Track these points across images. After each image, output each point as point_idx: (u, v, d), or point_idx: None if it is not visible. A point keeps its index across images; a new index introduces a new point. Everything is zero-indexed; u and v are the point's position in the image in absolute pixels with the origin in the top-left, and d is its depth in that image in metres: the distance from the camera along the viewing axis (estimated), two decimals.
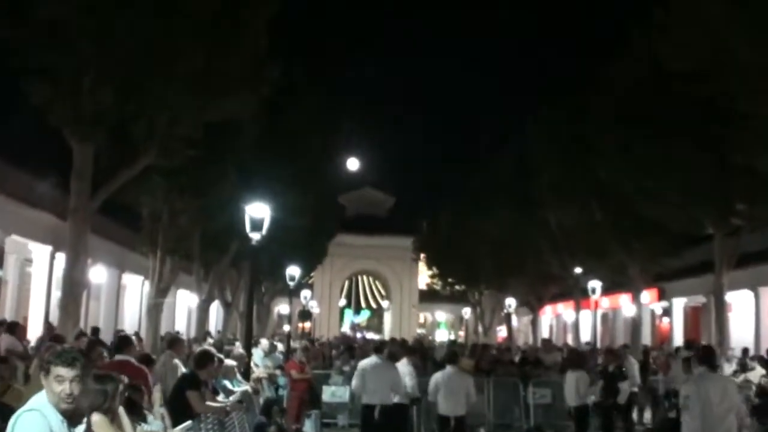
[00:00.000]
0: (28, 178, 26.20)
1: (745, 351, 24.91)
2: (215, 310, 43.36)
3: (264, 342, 22.93)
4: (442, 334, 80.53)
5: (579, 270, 38.15)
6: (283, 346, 27.64)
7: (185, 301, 45.40)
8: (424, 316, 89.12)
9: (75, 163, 17.73)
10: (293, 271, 37.00)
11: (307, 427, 18.80)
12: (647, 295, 38.20)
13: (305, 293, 53.13)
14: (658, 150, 24.08)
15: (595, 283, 35.10)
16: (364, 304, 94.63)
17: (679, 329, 40.02)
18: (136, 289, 37.98)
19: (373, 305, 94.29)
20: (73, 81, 17.09)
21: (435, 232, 59.88)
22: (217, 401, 11.92)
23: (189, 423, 10.08)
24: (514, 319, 59.11)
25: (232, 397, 13.20)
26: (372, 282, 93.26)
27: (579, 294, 41.54)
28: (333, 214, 52.41)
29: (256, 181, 23.17)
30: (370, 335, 73.10)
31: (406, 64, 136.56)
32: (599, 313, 40.74)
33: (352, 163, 75.13)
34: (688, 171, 23.53)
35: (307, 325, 63.38)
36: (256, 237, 17.68)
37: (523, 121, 39.74)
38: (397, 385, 14.09)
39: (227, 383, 14.30)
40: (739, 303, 32.67)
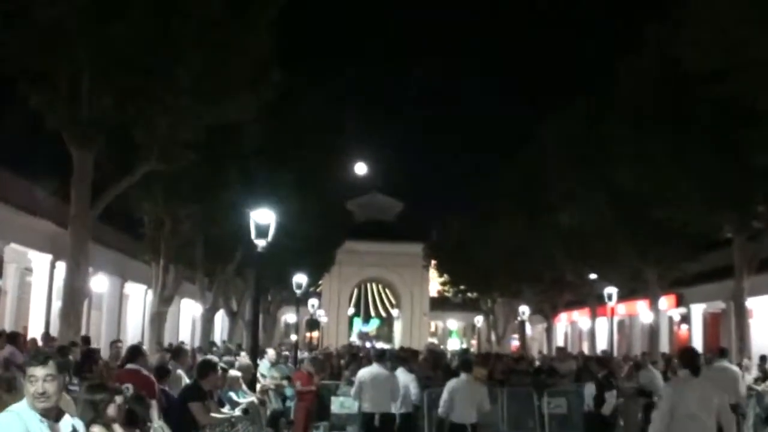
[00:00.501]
0: (27, 184, 26.22)
1: (763, 358, 24.77)
2: (220, 319, 43.35)
3: (270, 352, 22.88)
4: (453, 343, 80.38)
5: (594, 276, 38.03)
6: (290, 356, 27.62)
7: (189, 310, 45.37)
8: (435, 325, 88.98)
9: (75, 170, 17.78)
10: (300, 278, 36.97)
11: None
12: (665, 302, 38.06)
13: (313, 302, 53.14)
14: (676, 152, 24.01)
15: (611, 290, 35.01)
16: (373, 313, 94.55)
17: (698, 336, 39.81)
18: (139, 298, 37.96)
19: (383, 314, 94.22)
20: (71, 85, 17.13)
21: (446, 237, 59.78)
22: (221, 413, 11.90)
23: None
24: (528, 327, 59.01)
25: (237, 409, 13.18)
26: (381, 290, 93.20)
27: (594, 301, 41.44)
28: (341, 220, 52.39)
29: (261, 187, 23.16)
30: (380, 345, 73.00)
31: (415, 67, 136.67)
32: (615, 320, 40.57)
33: (360, 168, 75.15)
34: (706, 173, 23.45)
35: (314, 334, 63.45)
36: (261, 244, 17.65)
37: (536, 123, 39.74)
38: (397, 393, 14.39)
39: (233, 394, 14.29)
40: (760, 309, 32.49)
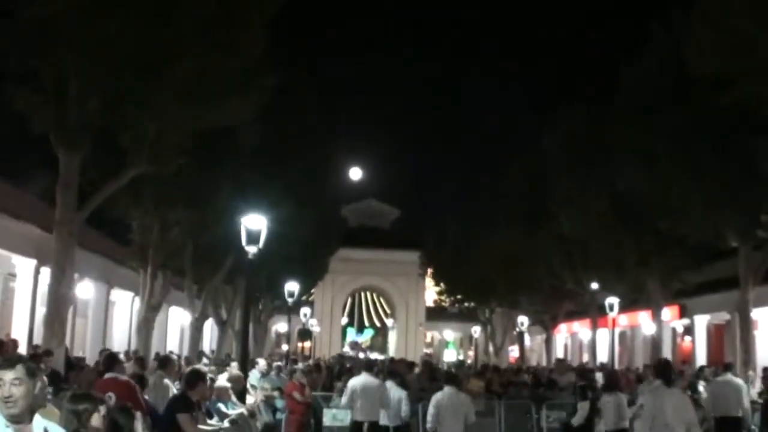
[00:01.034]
0: (12, 188, 26.22)
1: (766, 370, 24.80)
2: (209, 328, 43.31)
3: (261, 362, 22.89)
4: (450, 354, 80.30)
5: (595, 286, 38.07)
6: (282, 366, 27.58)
7: (177, 319, 45.33)
8: (431, 335, 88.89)
9: (61, 173, 17.79)
10: (292, 287, 36.99)
11: None
12: (668, 312, 38.11)
13: (305, 311, 53.11)
14: (680, 158, 24.07)
15: (613, 300, 35.03)
16: (367, 323, 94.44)
17: (702, 348, 39.88)
18: (126, 306, 37.91)
19: (377, 323, 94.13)
20: (58, 86, 17.15)
21: (442, 245, 59.77)
22: (209, 424, 11.90)
23: None
24: (527, 338, 59.03)
25: (225, 420, 13.17)
26: (376, 299, 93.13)
27: (595, 311, 41.45)
28: (334, 227, 52.35)
29: (252, 192, 23.18)
30: (374, 355, 72.93)
31: (413, 71, 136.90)
32: (617, 331, 40.62)
33: (355, 173, 75.19)
34: (711, 180, 23.50)
35: (307, 344, 63.35)
36: (252, 251, 17.67)
37: (536, 128, 39.83)
38: (387, 402, 14.62)
39: (221, 406, 14.26)
40: (766, 320, 32.55)
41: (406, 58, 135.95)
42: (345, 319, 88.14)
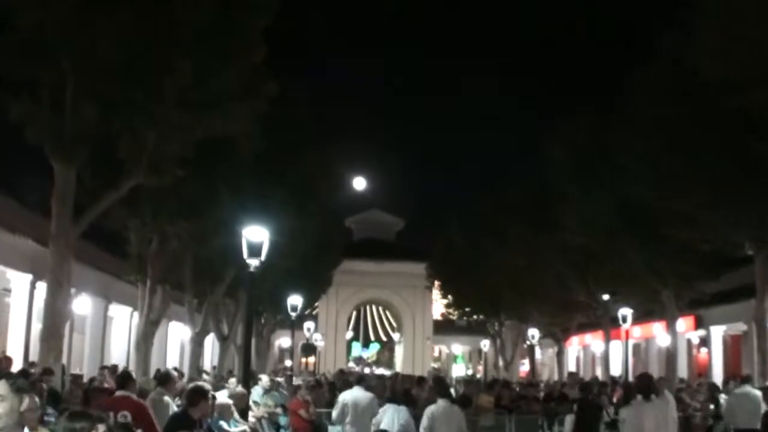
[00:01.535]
0: (6, 200, 26.27)
1: None
2: (210, 343, 43.34)
3: (264, 378, 22.88)
4: (458, 369, 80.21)
5: (607, 297, 38.02)
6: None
7: (177, 334, 45.36)
8: (439, 349, 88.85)
9: (56, 185, 17.83)
10: (295, 300, 37.02)
11: None
12: (683, 323, 38.04)
13: (308, 325, 53.24)
14: (691, 165, 24.06)
15: (626, 311, 35.00)
16: (373, 337, 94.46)
17: (718, 360, 39.79)
18: (124, 321, 37.98)
19: (383, 338, 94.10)
20: (54, 95, 17.21)
21: (450, 257, 59.70)
22: None
23: None
24: (538, 352, 58.91)
25: None
26: (382, 312, 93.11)
27: (608, 323, 41.41)
28: (338, 239, 52.47)
29: (254, 203, 23.16)
30: (380, 371, 72.83)
31: (416, 79, 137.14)
32: (630, 343, 40.58)
33: (359, 183, 75.29)
34: (725, 187, 23.49)
35: (311, 359, 63.33)
36: (254, 263, 17.67)
37: (542, 136, 39.81)
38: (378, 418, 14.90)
39: (223, 424, 14.29)
40: None
41: (409, 66, 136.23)
42: (350, 334, 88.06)
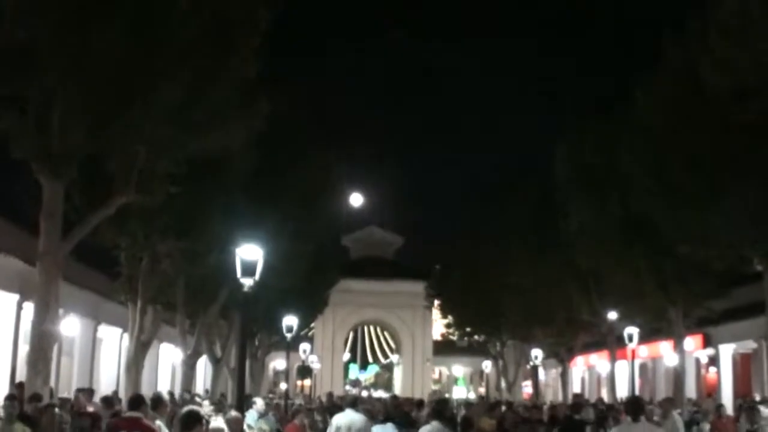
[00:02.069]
0: None
1: None
2: (203, 366, 43.26)
3: (259, 402, 22.84)
4: (459, 392, 80.00)
5: (613, 315, 38.02)
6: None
7: (169, 356, 45.31)
8: (440, 371, 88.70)
9: (45, 202, 17.83)
10: (290, 321, 36.91)
11: None
12: (691, 342, 38.05)
13: (304, 346, 52.97)
14: (698, 179, 24.09)
15: (632, 330, 34.93)
16: (371, 359, 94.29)
17: (727, 379, 39.78)
18: (114, 343, 37.93)
19: (382, 359, 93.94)
20: (41, 111, 17.23)
21: (449, 275, 59.71)
22: None
23: None
24: (542, 373, 58.84)
25: None
26: (380, 333, 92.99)
27: (614, 342, 41.34)
28: (335, 257, 52.42)
29: (247, 221, 23.21)
30: (378, 394, 72.63)
31: (416, 94, 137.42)
32: (637, 363, 40.54)
33: (356, 199, 75.29)
34: (733, 202, 23.50)
35: (306, 382, 63.18)
36: (248, 283, 17.63)
37: (547, 150, 39.83)
38: None
39: None
40: None
41: (409, 82, 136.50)
42: (347, 355, 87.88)
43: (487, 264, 47.84)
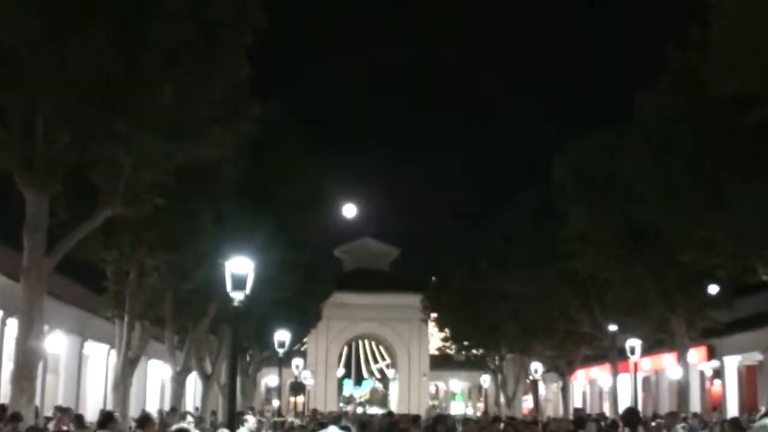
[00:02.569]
0: None
1: None
2: (192, 383, 43.17)
3: (251, 420, 22.79)
4: (458, 407, 79.92)
5: (615, 327, 38.02)
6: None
7: (158, 373, 45.22)
8: (436, 386, 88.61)
9: (28, 215, 17.78)
10: (282, 336, 36.88)
11: None
12: (695, 354, 38.08)
13: (297, 362, 52.88)
14: (702, 186, 24.13)
15: (634, 342, 34.93)
16: (366, 374, 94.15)
17: (733, 392, 39.78)
18: (101, 360, 37.84)
19: (377, 374, 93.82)
20: (24, 121, 17.20)
21: (446, 288, 59.72)
22: None
23: None
24: (542, 387, 58.80)
25: None
26: (375, 347, 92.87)
27: (616, 355, 41.38)
28: (328, 270, 52.43)
29: (238, 233, 23.19)
30: (374, 410, 72.51)
31: (413, 98, 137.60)
32: (640, 376, 40.55)
33: (349, 210, 75.31)
34: (737, 209, 23.53)
35: (299, 399, 63.07)
36: (238, 297, 17.59)
37: (546, 160, 39.90)
38: None
39: None
40: None
41: (406, 85, 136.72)
42: (341, 371, 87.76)
43: (486, 275, 47.86)
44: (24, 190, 17.62)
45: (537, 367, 49.97)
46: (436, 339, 76.62)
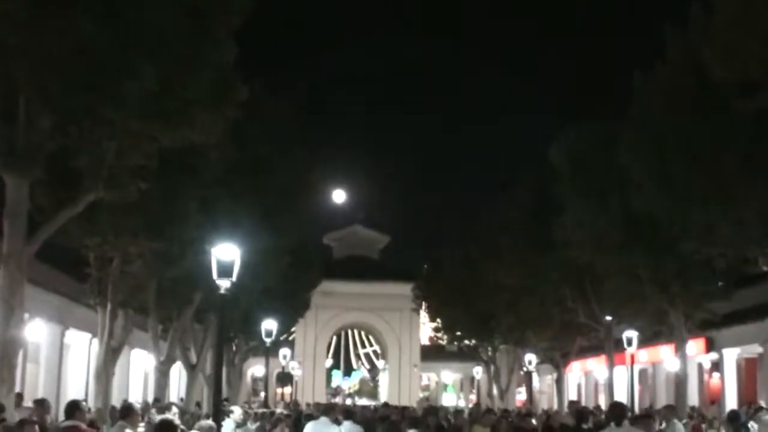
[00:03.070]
0: None
1: None
2: (177, 373, 43.19)
3: (237, 411, 22.83)
4: (449, 399, 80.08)
5: (611, 318, 38.08)
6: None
7: (141, 363, 45.22)
8: (428, 377, 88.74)
9: (7, 200, 17.76)
10: (269, 325, 36.95)
11: None
12: (693, 346, 38.16)
13: (284, 352, 53.03)
14: (702, 174, 24.16)
15: (631, 333, 35.01)
16: (355, 364, 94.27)
17: (731, 385, 39.89)
18: (83, 349, 37.80)
19: (367, 365, 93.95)
20: (5, 104, 17.17)
21: (438, 276, 59.75)
22: None
23: None
24: (536, 379, 58.97)
25: None
26: (365, 337, 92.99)
27: (612, 347, 41.45)
28: (316, 257, 52.45)
29: (224, 219, 23.20)
30: (363, 401, 72.65)
31: (405, 80, 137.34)
32: (636, 368, 40.64)
33: (338, 196, 75.33)
34: (739, 199, 23.58)
35: (287, 390, 63.17)
36: (224, 285, 17.63)
37: (542, 147, 39.90)
38: None
39: None
40: None
41: (399, 65, 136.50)
42: (330, 361, 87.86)
43: (479, 263, 47.87)
44: (4, 174, 17.59)
45: (531, 358, 50.13)
46: (427, 329, 76.66)
